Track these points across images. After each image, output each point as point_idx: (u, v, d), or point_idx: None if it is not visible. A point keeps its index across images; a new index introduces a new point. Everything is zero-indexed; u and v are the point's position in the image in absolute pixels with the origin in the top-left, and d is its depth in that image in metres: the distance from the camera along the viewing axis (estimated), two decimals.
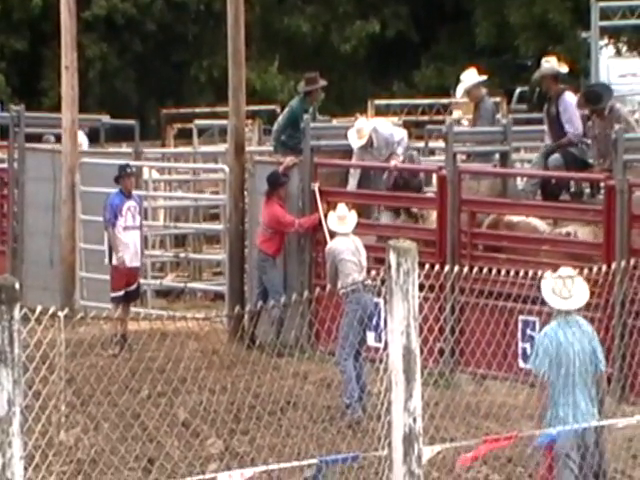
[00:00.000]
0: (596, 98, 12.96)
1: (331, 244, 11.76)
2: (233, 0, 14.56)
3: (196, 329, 12.99)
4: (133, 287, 13.99)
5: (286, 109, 15.43)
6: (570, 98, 13.48)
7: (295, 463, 6.57)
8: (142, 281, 15.55)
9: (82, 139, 16.96)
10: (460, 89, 14.84)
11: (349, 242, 11.53)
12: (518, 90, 23.69)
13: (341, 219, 11.68)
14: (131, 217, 14.05)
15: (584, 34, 23.65)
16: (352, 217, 11.70)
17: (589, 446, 7.19)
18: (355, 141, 13.89)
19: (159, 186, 17.94)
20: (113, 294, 13.93)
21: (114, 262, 13.94)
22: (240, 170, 14.59)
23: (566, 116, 13.35)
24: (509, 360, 10.98)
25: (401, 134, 14.34)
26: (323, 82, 15.46)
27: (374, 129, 14.05)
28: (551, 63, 14.04)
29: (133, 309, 14.34)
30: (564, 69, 14.01)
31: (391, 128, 14.63)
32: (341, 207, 11.87)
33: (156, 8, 31.18)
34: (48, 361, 7.46)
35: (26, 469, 4.93)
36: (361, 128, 13.95)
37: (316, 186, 13.79)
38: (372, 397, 9.52)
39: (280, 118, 15.36)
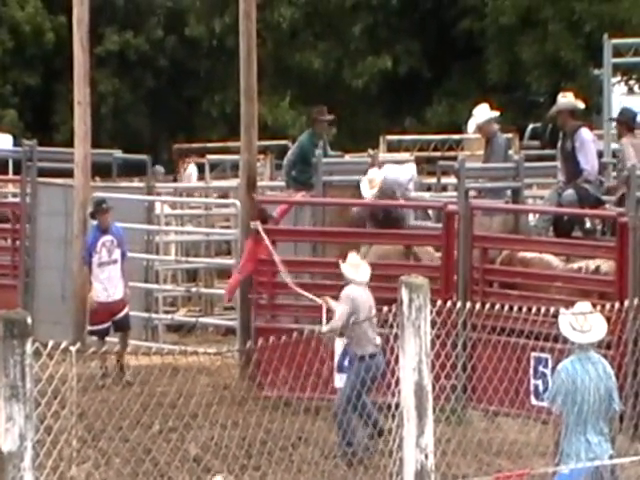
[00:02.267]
0: None
1: (352, 291, 11.12)
2: (245, 36, 14.61)
3: (207, 364, 12.98)
4: (120, 316, 13.93)
5: (295, 144, 15.49)
6: (586, 134, 13.50)
7: None
8: (154, 315, 15.57)
9: (192, 170, 17.30)
10: (472, 124, 14.84)
11: (367, 294, 11.12)
12: (530, 126, 23.75)
13: (355, 267, 11.42)
14: (106, 252, 14.02)
15: (596, 71, 23.70)
16: (365, 266, 11.51)
17: None
18: (367, 191, 13.93)
19: (171, 220, 17.98)
20: (91, 327, 14.03)
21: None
22: (252, 205, 14.60)
23: (582, 152, 13.34)
24: (521, 397, 10.95)
25: (409, 173, 14.38)
26: (330, 116, 15.53)
27: (383, 180, 14.03)
28: (568, 98, 14.07)
29: (145, 344, 14.33)
30: (581, 105, 14.04)
31: (398, 171, 14.57)
32: (352, 256, 11.65)
33: (168, 44, 31.34)
34: (60, 396, 7.47)
35: None
36: (373, 179, 13.97)
37: (258, 224, 13.55)
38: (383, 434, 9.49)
39: (290, 153, 15.42)
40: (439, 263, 12.96)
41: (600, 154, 13.43)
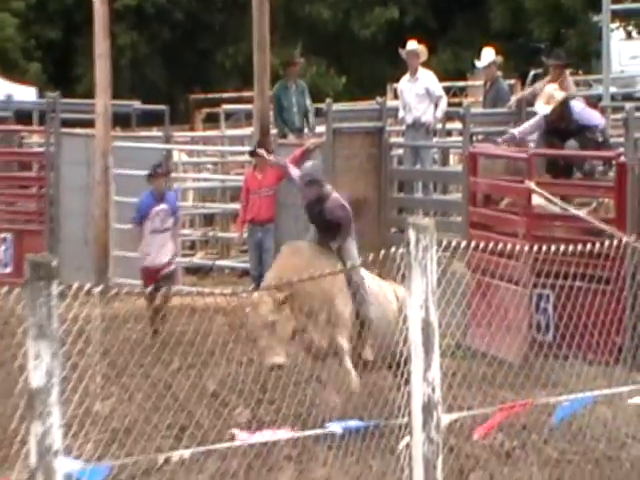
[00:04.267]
0: None
1: None
2: None
3: (224, 304, 13.00)
4: (165, 272, 13.31)
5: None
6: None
7: (319, 431, 6.59)
8: None
9: None
10: (484, 60, 15.01)
11: None
12: (532, 73, 23.61)
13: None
14: (159, 221, 13.30)
15: (595, 17, 23.56)
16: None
17: None
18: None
19: (188, 168, 17.99)
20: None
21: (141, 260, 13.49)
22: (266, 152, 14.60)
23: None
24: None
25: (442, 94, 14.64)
26: (300, 60, 16.13)
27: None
28: None
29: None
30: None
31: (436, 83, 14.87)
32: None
33: None
34: (84, 335, 7.50)
35: (65, 437, 4.96)
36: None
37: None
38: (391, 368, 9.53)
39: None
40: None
41: None
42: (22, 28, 30.61)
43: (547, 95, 12.95)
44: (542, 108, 12.79)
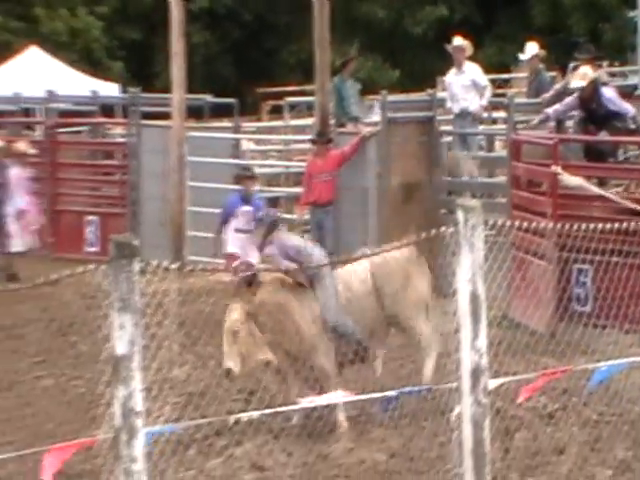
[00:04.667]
0: None
1: None
2: None
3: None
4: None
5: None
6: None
7: (378, 394, 6.58)
8: None
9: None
10: (527, 53, 14.87)
11: None
12: (571, 65, 23.35)
13: None
14: (244, 222, 12.47)
15: (631, 13, 23.24)
16: None
17: None
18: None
19: (255, 155, 18.02)
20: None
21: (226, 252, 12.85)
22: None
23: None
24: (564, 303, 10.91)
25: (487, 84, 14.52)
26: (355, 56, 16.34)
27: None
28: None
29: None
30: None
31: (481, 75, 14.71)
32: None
33: (252, 0, 31.22)
34: (162, 308, 7.54)
35: (145, 400, 4.98)
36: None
37: None
38: (443, 337, 9.49)
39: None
40: None
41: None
42: (106, 30, 30.81)
43: (581, 74, 12.83)
44: (576, 83, 12.69)
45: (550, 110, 13.01)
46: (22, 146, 15.83)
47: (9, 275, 14.75)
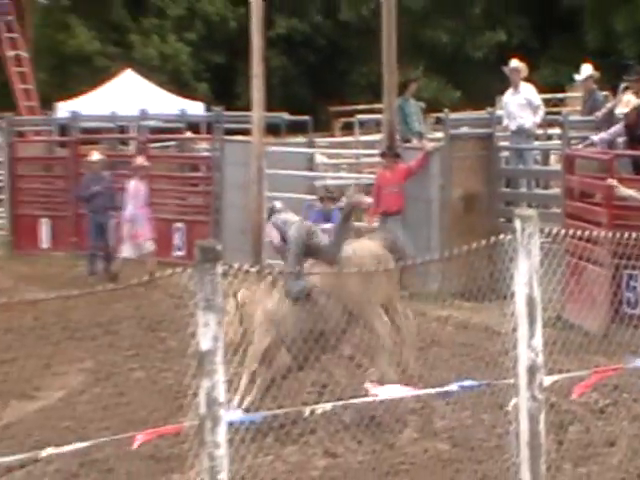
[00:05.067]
0: None
1: None
2: (387, 18, 14.51)
3: None
4: None
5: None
6: None
7: (439, 389, 6.53)
8: None
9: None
10: (582, 74, 14.75)
11: None
12: (622, 85, 23.06)
13: None
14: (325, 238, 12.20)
15: None
16: None
17: None
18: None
19: (328, 168, 18.03)
20: None
21: None
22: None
23: None
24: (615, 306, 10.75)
25: (540, 103, 14.37)
26: (411, 81, 15.90)
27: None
28: None
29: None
30: None
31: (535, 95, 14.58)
32: None
33: (325, 27, 31.29)
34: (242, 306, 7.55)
35: (228, 391, 5.00)
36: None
37: None
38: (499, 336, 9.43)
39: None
40: None
41: None
42: (193, 55, 31.06)
43: (625, 101, 12.74)
44: (620, 110, 12.60)
45: (596, 138, 12.90)
46: (140, 160, 16.02)
47: (111, 276, 14.93)
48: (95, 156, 16.54)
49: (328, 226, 11.92)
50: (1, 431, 8.12)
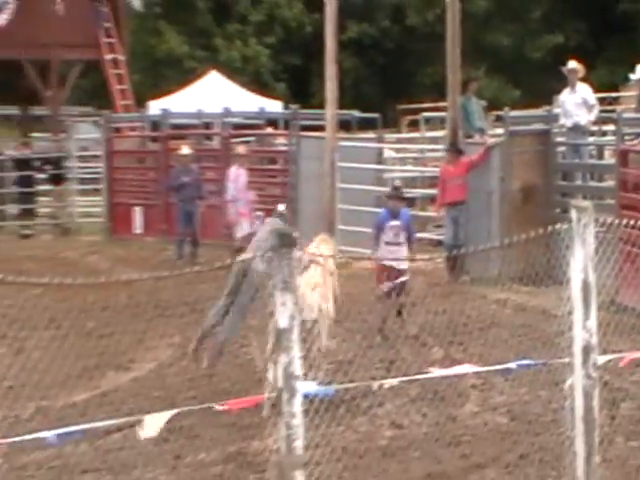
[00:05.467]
0: None
1: None
2: (451, 23, 14.38)
3: (423, 267, 12.93)
4: (397, 282, 10.91)
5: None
6: None
7: (498, 367, 6.46)
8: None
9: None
10: (637, 74, 14.47)
11: None
12: None
13: None
14: (393, 235, 11.25)
15: None
16: None
17: None
18: None
19: (395, 162, 17.95)
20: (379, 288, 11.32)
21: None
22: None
23: None
24: None
25: (595, 103, 14.17)
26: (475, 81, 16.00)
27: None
28: None
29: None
30: None
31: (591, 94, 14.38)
32: None
33: (394, 31, 31.11)
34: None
35: (303, 365, 5.00)
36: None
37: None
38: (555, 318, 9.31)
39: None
40: None
41: None
42: (273, 57, 31.14)
43: None
44: None
45: None
46: (241, 149, 16.17)
47: (235, 250, 14.83)
48: (185, 150, 16.68)
49: (397, 223, 11.36)
50: (99, 398, 8.23)
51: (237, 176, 15.63)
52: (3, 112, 28.11)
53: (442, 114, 17.63)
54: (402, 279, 10.66)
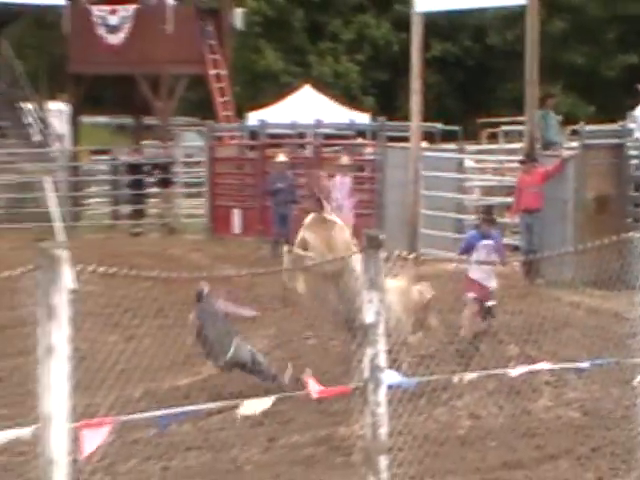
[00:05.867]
0: None
1: None
2: (530, 42, 14.18)
3: (500, 270, 12.69)
4: (488, 304, 10.26)
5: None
6: None
7: (570, 364, 6.33)
8: (463, 236, 15.42)
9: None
10: None
11: None
12: None
13: None
14: (485, 254, 10.54)
15: None
16: None
17: None
18: None
19: (475, 171, 17.77)
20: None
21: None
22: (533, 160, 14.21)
23: None
24: None
25: None
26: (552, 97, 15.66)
27: None
28: None
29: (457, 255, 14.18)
30: None
31: None
32: None
33: (475, 50, 30.84)
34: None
35: (387, 358, 4.97)
36: None
37: None
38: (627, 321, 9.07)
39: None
40: None
41: None
42: (362, 73, 31.15)
43: None
44: None
45: None
46: (345, 159, 16.30)
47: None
48: (280, 157, 16.79)
49: (489, 242, 10.60)
50: (201, 383, 8.32)
51: (341, 184, 15.76)
52: (119, 122, 28.75)
53: (520, 127, 17.40)
54: (490, 303, 10.12)
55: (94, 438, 4.28)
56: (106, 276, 4.34)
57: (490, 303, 10.12)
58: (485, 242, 10.71)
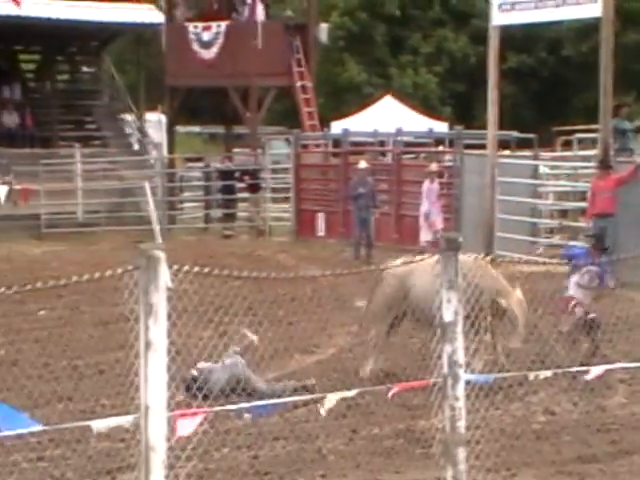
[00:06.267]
0: None
1: None
2: (605, 53, 13.89)
3: (548, 269, 12.39)
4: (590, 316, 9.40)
5: None
6: None
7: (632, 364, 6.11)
8: (538, 239, 15.17)
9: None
10: None
11: None
12: None
13: None
14: (589, 279, 9.53)
15: None
16: None
17: None
18: None
19: (550, 177, 17.49)
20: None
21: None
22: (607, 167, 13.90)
23: None
24: None
25: None
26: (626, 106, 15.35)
27: None
28: None
29: (532, 258, 13.91)
30: None
31: None
32: None
33: (550, 61, 30.37)
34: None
35: (465, 355, 4.89)
36: None
37: None
38: None
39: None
40: None
41: None
42: (440, 84, 30.98)
43: None
44: None
45: None
46: (433, 166, 16.37)
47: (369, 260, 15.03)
48: (362, 164, 16.79)
49: (595, 268, 9.69)
50: (288, 377, 8.35)
51: (429, 190, 15.77)
52: (211, 131, 29.14)
53: (594, 135, 17.04)
54: (592, 315, 9.37)
55: (188, 426, 4.32)
56: (200, 275, 4.39)
57: (591, 316, 9.38)
58: (592, 268, 9.79)
